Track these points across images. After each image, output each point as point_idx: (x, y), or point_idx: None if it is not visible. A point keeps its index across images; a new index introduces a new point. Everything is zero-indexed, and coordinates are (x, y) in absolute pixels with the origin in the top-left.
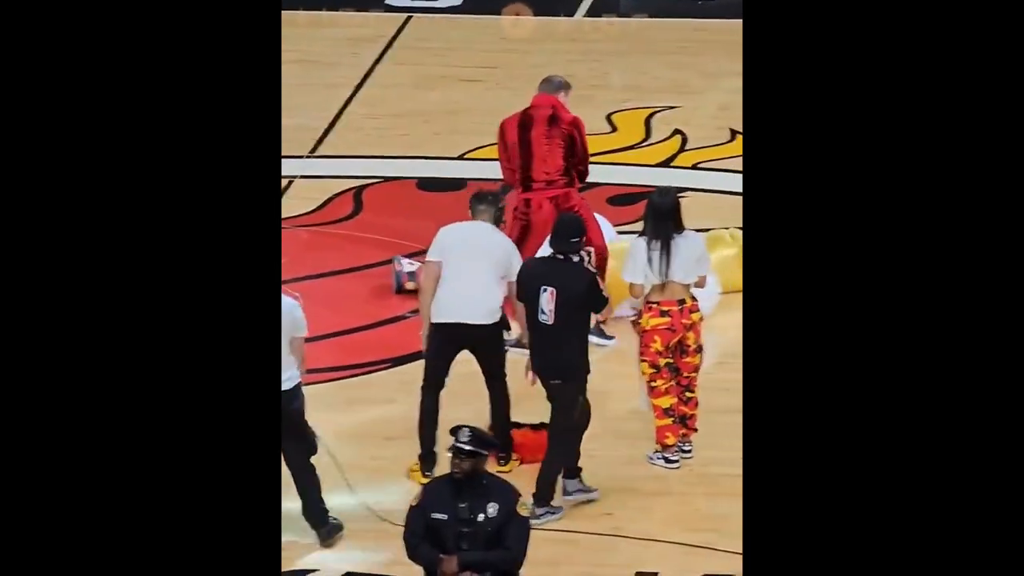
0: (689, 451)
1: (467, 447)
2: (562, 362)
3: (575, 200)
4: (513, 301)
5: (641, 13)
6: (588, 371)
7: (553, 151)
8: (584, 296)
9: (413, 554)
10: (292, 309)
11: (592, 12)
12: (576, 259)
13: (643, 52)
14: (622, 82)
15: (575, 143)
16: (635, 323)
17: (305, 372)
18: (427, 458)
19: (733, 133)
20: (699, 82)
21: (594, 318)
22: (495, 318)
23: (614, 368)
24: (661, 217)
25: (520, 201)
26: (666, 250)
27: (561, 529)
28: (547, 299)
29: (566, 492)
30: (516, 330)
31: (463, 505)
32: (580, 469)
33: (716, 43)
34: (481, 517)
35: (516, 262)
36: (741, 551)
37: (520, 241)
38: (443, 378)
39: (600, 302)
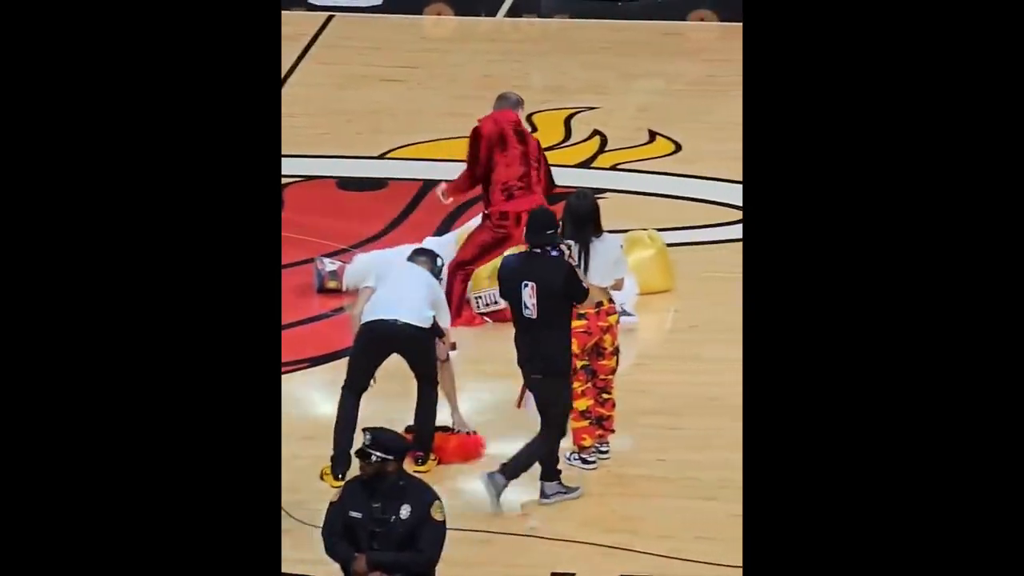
0: (606, 452)
1: (367, 451)
2: (544, 356)
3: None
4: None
5: (562, 14)
6: (570, 365)
7: (528, 165)
8: (564, 288)
9: (330, 551)
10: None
11: (513, 12)
12: (554, 252)
13: (563, 53)
14: (542, 82)
15: (543, 158)
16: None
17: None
18: (339, 459)
19: (652, 134)
20: (618, 83)
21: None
22: (425, 323)
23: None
24: (579, 220)
25: (496, 213)
26: (584, 253)
27: (476, 529)
28: (528, 293)
29: (544, 495)
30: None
31: (376, 505)
32: (559, 471)
33: (636, 44)
34: (393, 518)
35: (443, 306)
36: (656, 552)
37: (495, 249)
38: (366, 380)
39: (580, 292)
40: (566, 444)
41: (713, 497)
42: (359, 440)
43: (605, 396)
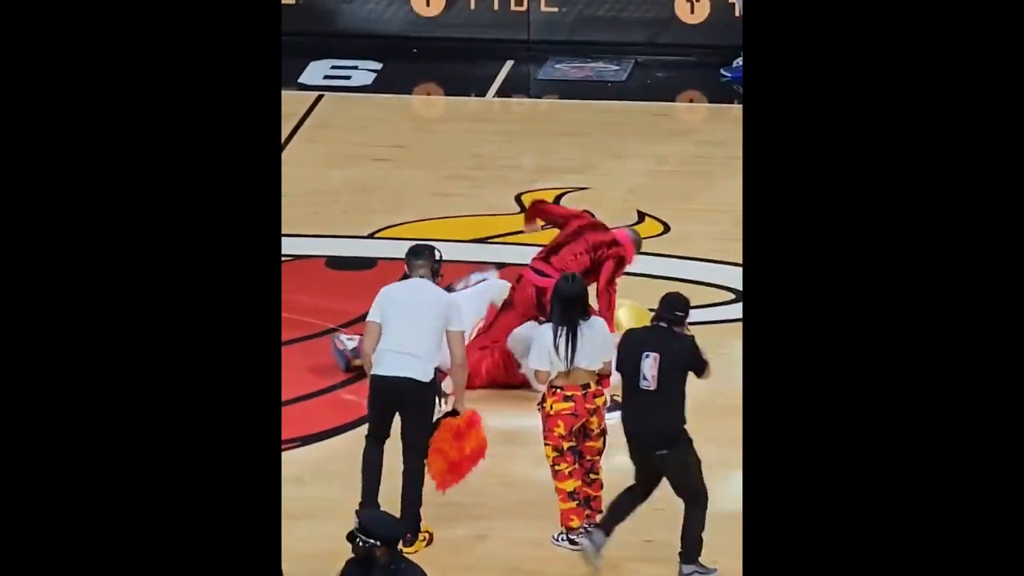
0: None
1: (355, 534)
2: (665, 429)
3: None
4: (452, 352)
5: (551, 94)
6: (689, 438)
7: (580, 262)
8: (686, 360)
9: None
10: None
11: (502, 92)
12: (677, 329)
13: (553, 133)
14: (532, 163)
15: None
16: (540, 406)
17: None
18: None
19: (641, 215)
20: (608, 164)
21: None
22: (426, 376)
23: (516, 450)
24: (567, 304)
25: (516, 274)
26: (572, 337)
27: None
28: (650, 364)
29: None
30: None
31: None
32: (699, 551)
33: (625, 125)
34: None
35: (455, 312)
36: None
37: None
38: (383, 431)
39: (702, 365)
40: (554, 526)
41: None
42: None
43: (592, 477)
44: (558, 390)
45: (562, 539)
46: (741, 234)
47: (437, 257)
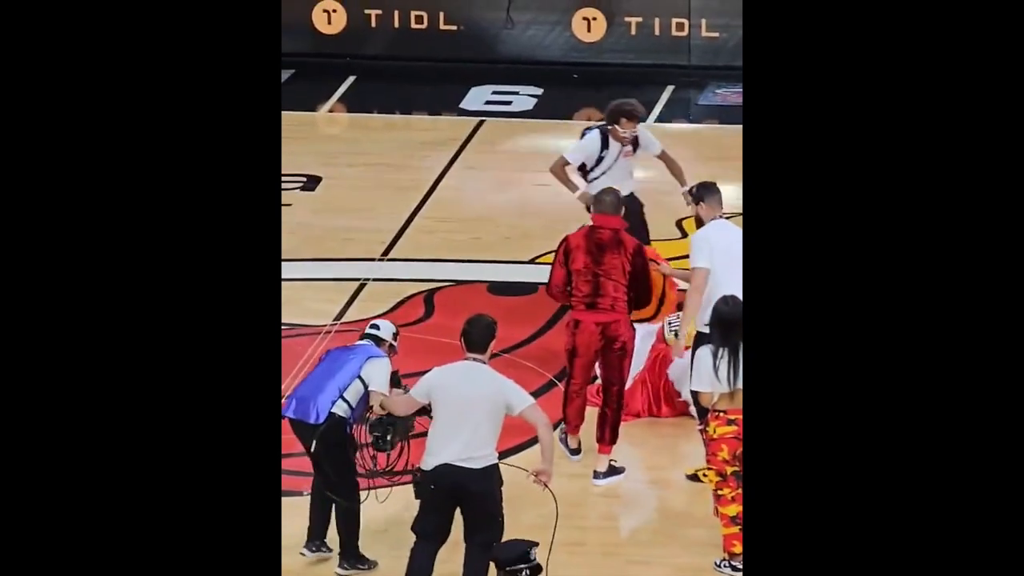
0: None
1: (537, 562)
2: None
3: (623, 331)
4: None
5: (711, 119)
6: None
7: (619, 277)
8: None
9: None
10: (507, 385)
11: (663, 118)
12: None
13: (713, 158)
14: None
15: (637, 270)
16: (702, 431)
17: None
18: None
19: None
20: None
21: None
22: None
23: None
24: (728, 326)
25: (568, 320)
26: (734, 358)
27: None
28: None
29: None
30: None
31: None
32: None
33: None
34: None
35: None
36: None
37: (569, 355)
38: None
39: None
40: (716, 552)
41: None
42: None
43: None
44: (721, 413)
45: (725, 565)
46: None
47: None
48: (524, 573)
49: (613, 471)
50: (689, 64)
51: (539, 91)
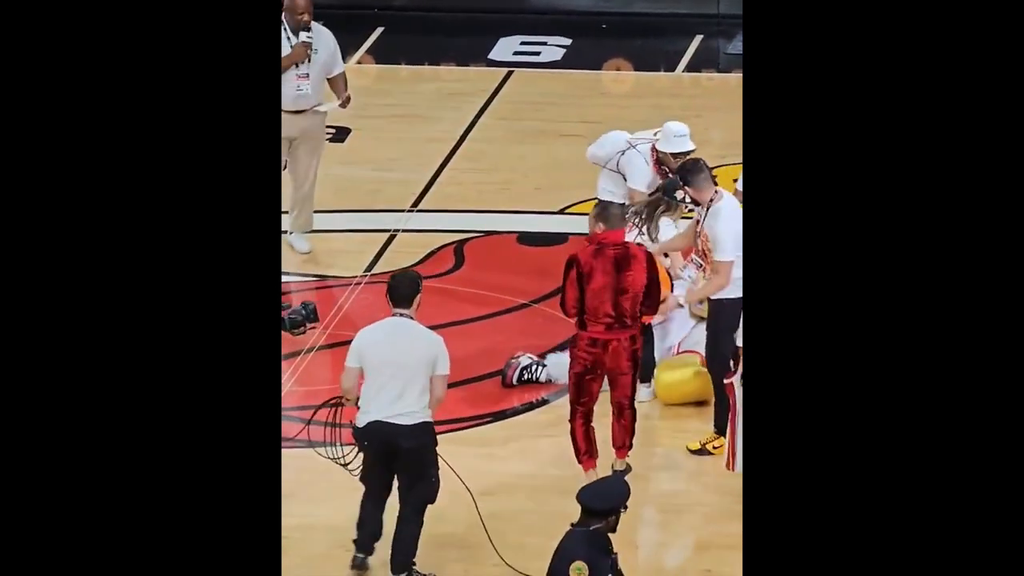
0: None
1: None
2: None
3: (640, 344)
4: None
5: (740, 69)
6: None
7: (637, 292)
8: None
9: None
10: (436, 344)
11: (692, 67)
12: None
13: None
14: (722, 138)
15: (653, 282)
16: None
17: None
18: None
19: None
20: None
21: None
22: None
23: None
24: None
25: (587, 339)
26: None
27: None
28: None
29: None
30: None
31: (615, 555)
32: None
33: None
34: None
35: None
36: None
37: (582, 375)
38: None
39: None
40: None
41: None
42: (544, 499)
43: None
44: None
45: None
46: None
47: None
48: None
49: (626, 470)
50: (718, 13)
51: (567, 41)
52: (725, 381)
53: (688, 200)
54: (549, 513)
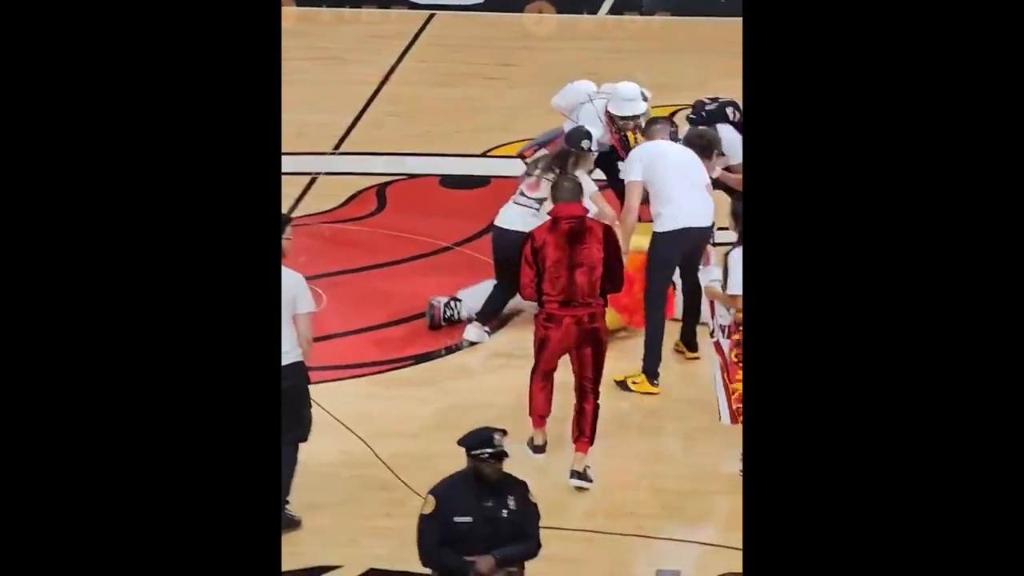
0: None
1: (503, 449)
2: None
3: (600, 322)
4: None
5: (663, 11)
6: None
7: (592, 269)
8: None
9: (434, 562)
10: (297, 283)
11: (614, 10)
12: None
13: (666, 51)
14: (647, 80)
15: (612, 258)
16: (736, 332)
17: (307, 351)
18: None
19: None
20: (721, 81)
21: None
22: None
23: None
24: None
25: (543, 315)
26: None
27: (581, 529)
28: None
29: None
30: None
31: (489, 504)
32: None
33: (739, 42)
34: (505, 513)
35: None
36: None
37: (539, 348)
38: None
39: None
40: None
41: None
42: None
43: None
44: None
45: None
46: None
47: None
48: (486, 455)
49: (585, 476)
50: None
51: None
52: (712, 340)
53: (594, 149)
54: None
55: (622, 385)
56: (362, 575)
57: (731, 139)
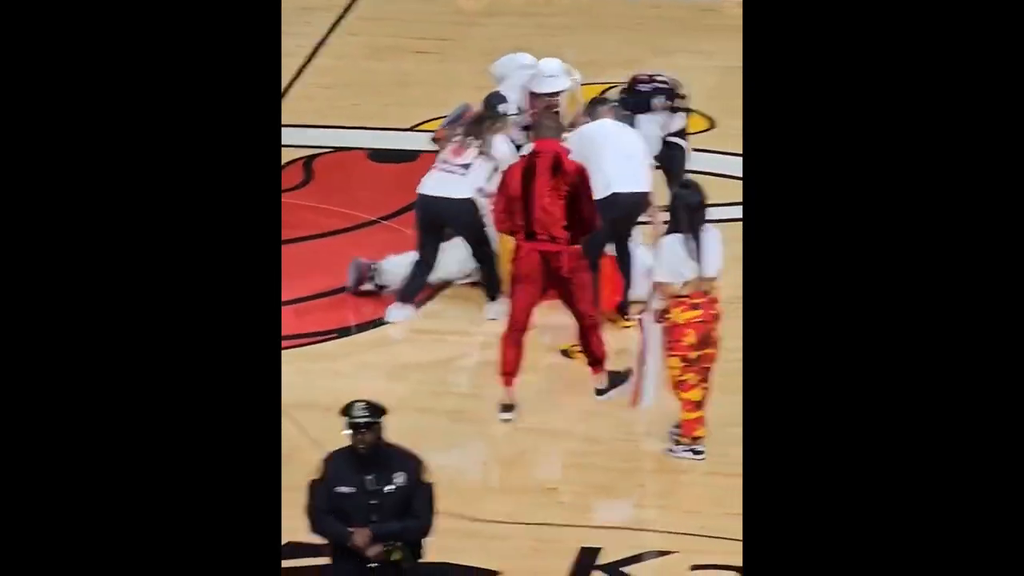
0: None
1: (364, 419)
2: None
3: (565, 261)
4: None
5: None
6: None
7: (555, 204)
8: None
9: (319, 528)
10: None
11: None
12: None
13: (597, 27)
14: (576, 57)
15: (579, 196)
16: (661, 320)
17: None
18: None
19: (687, 110)
20: (653, 59)
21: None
22: None
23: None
24: (692, 210)
25: (512, 249)
26: (699, 244)
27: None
28: None
29: None
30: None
31: (369, 477)
32: None
33: (670, 20)
34: (388, 488)
35: None
36: (685, 531)
37: (512, 286)
38: None
39: None
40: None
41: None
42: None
43: (704, 386)
44: (684, 299)
45: (683, 450)
46: None
47: None
48: (352, 425)
49: (615, 380)
50: None
51: None
52: (635, 317)
53: (511, 113)
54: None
55: (565, 354)
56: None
57: (651, 133)
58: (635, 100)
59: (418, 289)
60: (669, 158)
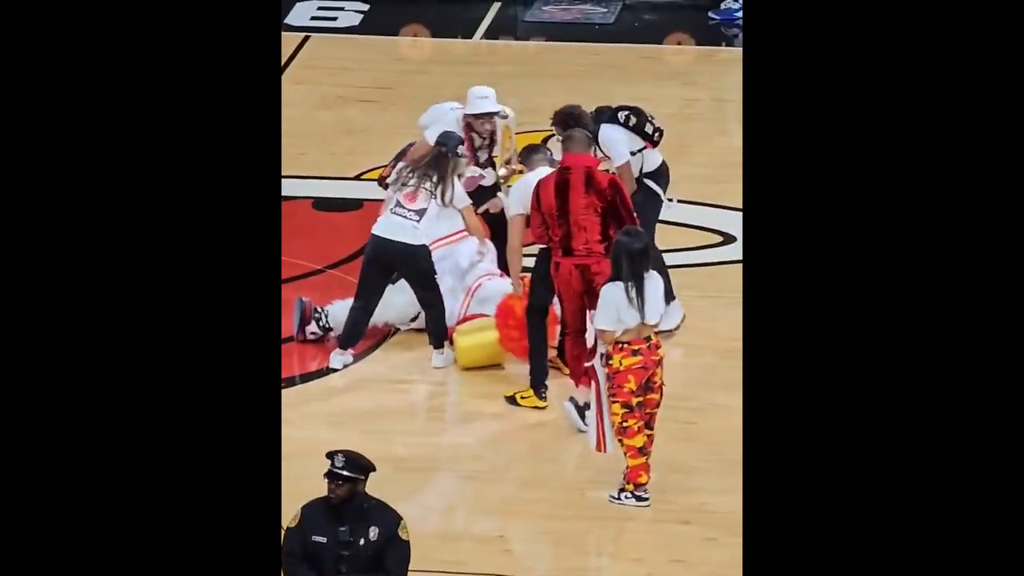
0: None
1: (343, 472)
2: None
3: (604, 267)
4: None
5: (538, 36)
6: None
7: (591, 219)
8: None
9: (289, 574)
10: None
11: (489, 35)
12: None
13: (540, 76)
14: (520, 105)
15: (616, 208)
16: (604, 365)
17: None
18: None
19: None
20: (595, 106)
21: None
22: None
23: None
24: (635, 257)
25: (552, 264)
26: (641, 292)
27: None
28: None
29: None
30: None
31: (343, 529)
32: None
33: (612, 68)
34: (362, 541)
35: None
36: None
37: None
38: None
39: None
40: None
41: (687, 521)
42: (325, 465)
43: (648, 432)
44: (625, 345)
45: (627, 496)
46: (730, 177)
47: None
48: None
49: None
50: None
51: (365, 7)
52: (585, 364)
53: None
54: None
55: (511, 400)
56: None
57: (614, 138)
58: (600, 115)
59: (359, 335)
60: (642, 205)
